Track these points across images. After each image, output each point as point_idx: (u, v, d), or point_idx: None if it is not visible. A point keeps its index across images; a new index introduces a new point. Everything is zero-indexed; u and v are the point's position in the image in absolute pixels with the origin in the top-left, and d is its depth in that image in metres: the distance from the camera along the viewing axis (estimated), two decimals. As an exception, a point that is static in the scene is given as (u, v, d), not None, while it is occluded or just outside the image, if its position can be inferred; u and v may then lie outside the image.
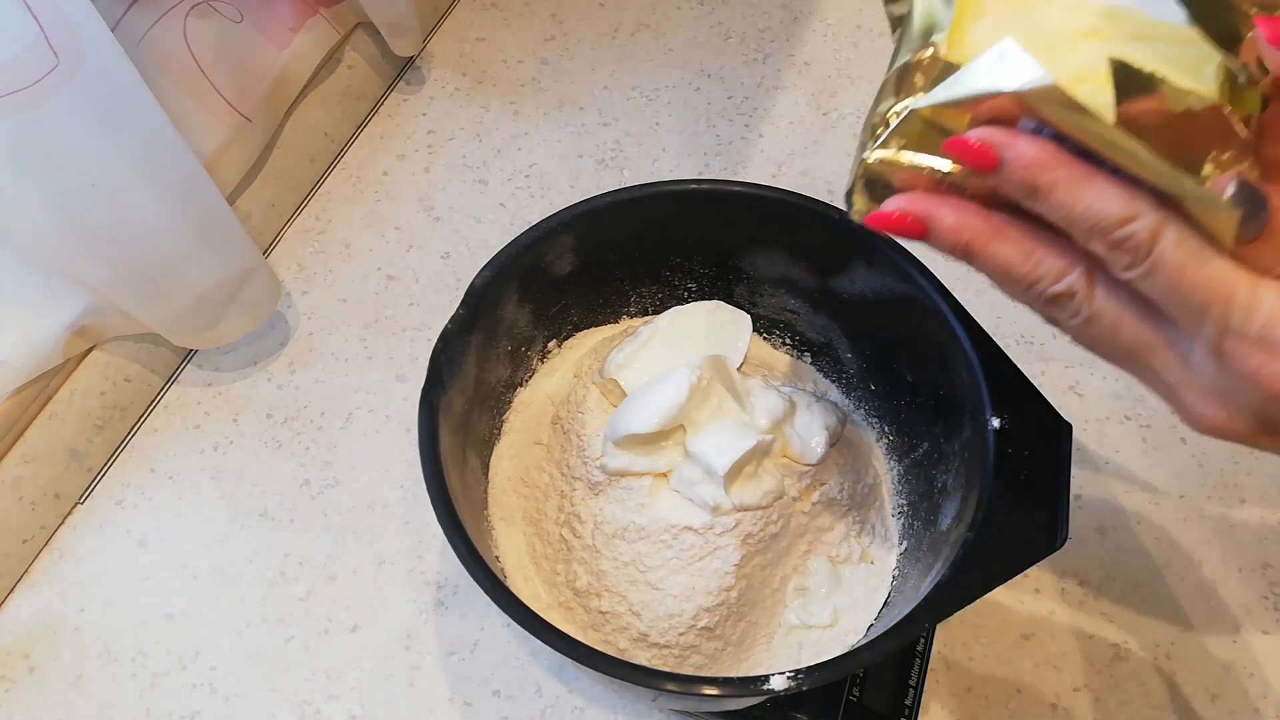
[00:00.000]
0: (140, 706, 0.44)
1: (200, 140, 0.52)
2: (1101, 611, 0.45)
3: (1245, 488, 0.49)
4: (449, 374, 0.38)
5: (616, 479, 0.41)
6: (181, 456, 0.51)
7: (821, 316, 0.47)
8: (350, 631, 0.46)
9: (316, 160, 0.62)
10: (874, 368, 0.46)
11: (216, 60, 0.52)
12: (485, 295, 0.41)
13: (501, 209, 0.61)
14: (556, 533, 0.42)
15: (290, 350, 0.55)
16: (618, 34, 0.69)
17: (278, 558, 0.48)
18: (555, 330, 0.47)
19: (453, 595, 0.47)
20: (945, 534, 0.38)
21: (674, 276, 0.48)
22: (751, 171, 0.62)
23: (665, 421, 0.39)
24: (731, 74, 0.67)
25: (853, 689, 0.41)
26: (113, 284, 0.45)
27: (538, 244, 0.42)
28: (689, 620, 0.39)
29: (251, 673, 0.45)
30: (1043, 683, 0.44)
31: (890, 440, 0.46)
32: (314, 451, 0.51)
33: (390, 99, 0.66)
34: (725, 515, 0.39)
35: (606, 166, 0.62)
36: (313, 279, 0.58)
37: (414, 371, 0.54)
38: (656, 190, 0.43)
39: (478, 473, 0.43)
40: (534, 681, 0.44)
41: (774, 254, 0.45)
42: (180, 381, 0.54)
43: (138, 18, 0.49)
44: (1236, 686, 0.44)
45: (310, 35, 0.59)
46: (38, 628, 0.46)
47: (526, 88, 0.66)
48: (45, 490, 0.48)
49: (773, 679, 0.32)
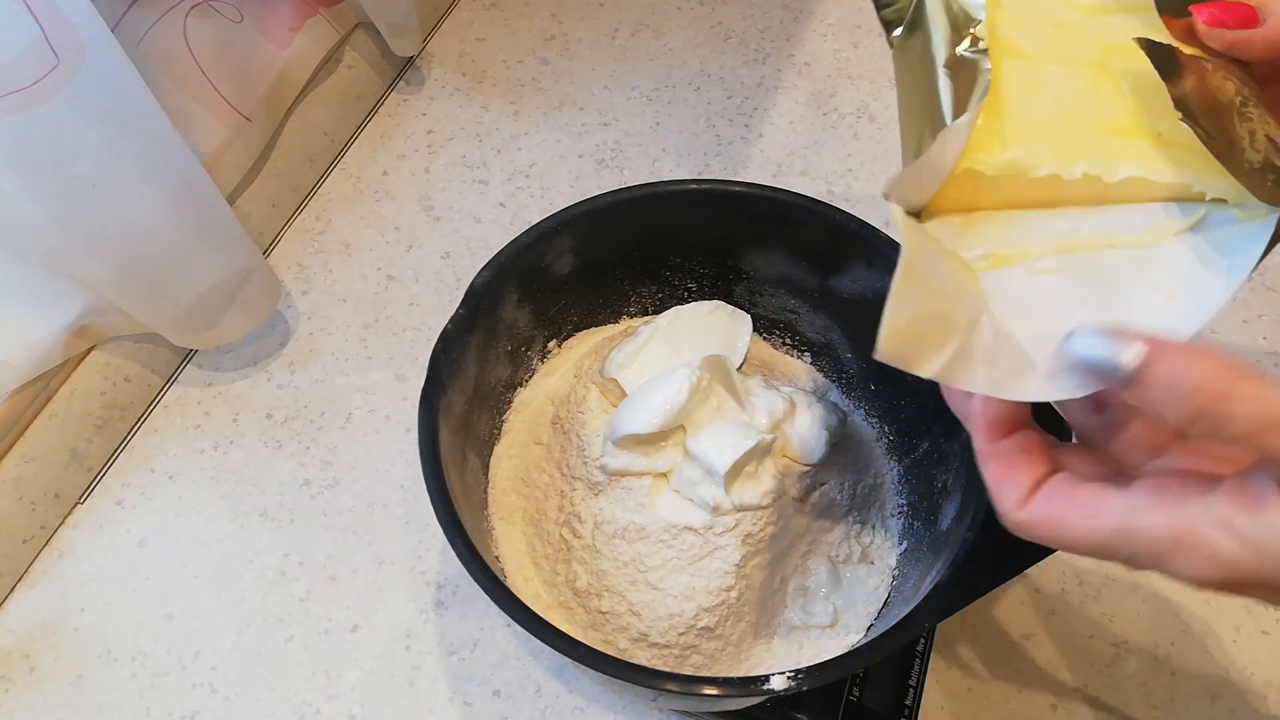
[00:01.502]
0: (140, 706, 0.44)
1: (200, 140, 0.52)
2: (1101, 611, 0.45)
3: (1245, 488, 0.49)
4: (449, 374, 0.38)
5: (616, 479, 0.41)
6: (181, 456, 0.51)
7: (821, 316, 0.47)
8: (350, 631, 0.46)
9: (316, 160, 0.62)
10: (874, 368, 0.46)
11: (216, 60, 0.52)
12: (485, 295, 0.41)
13: (501, 209, 0.61)
14: (556, 533, 0.42)
15: (290, 350, 0.55)
16: (618, 34, 0.69)
17: (278, 558, 0.48)
18: (555, 330, 0.47)
19: (453, 595, 0.47)
20: (945, 534, 0.38)
21: (674, 276, 0.48)
22: (751, 171, 0.62)
23: (665, 422, 0.39)
24: (731, 74, 0.67)
25: (853, 689, 0.41)
26: (113, 284, 0.45)
27: (538, 244, 0.42)
28: (689, 620, 0.39)
29: (251, 673, 0.45)
30: (1043, 683, 0.44)
31: (890, 440, 0.46)
32: (314, 451, 0.51)
33: (390, 99, 0.66)
34: (725, 515, 0.39)
35: (606, 166, 0.62)
36: (313, 279, 0.58)
37: (414, 371, 0.54)
38: (656, 190, 0.43)
39: (478, 473, 0.43)
40: (534, 681, 0.44)
41: (774, 254, 0.45)
42: (180, 381, 0.54)
43: (138, 18, 0.49)
44: (1236, 686, 0.44)
45: (310, 35, 0.59)
46: (38, 628, 0.46)
47: (526, 88, 0.66)
48: (45, 490, 0.48)
49: (773, 679, 0.32)
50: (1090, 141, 0.29)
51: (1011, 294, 0.29)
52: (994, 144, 0.29)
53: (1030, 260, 0.30)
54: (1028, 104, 0.29)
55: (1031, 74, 0.30)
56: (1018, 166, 0.29)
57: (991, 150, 0.29)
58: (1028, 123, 0.29)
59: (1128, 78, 0.29)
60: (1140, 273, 0.29)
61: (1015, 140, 0.29)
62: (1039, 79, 0.30)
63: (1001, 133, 0.29)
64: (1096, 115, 0.29)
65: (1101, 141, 0.29)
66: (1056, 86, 0.30)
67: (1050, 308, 0.28)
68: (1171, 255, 0.29)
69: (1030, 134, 0.29)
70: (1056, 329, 0.26)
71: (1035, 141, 0.29)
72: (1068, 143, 0.29)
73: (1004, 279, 0.29)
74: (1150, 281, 0.28)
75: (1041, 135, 0.29)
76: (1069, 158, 0.29)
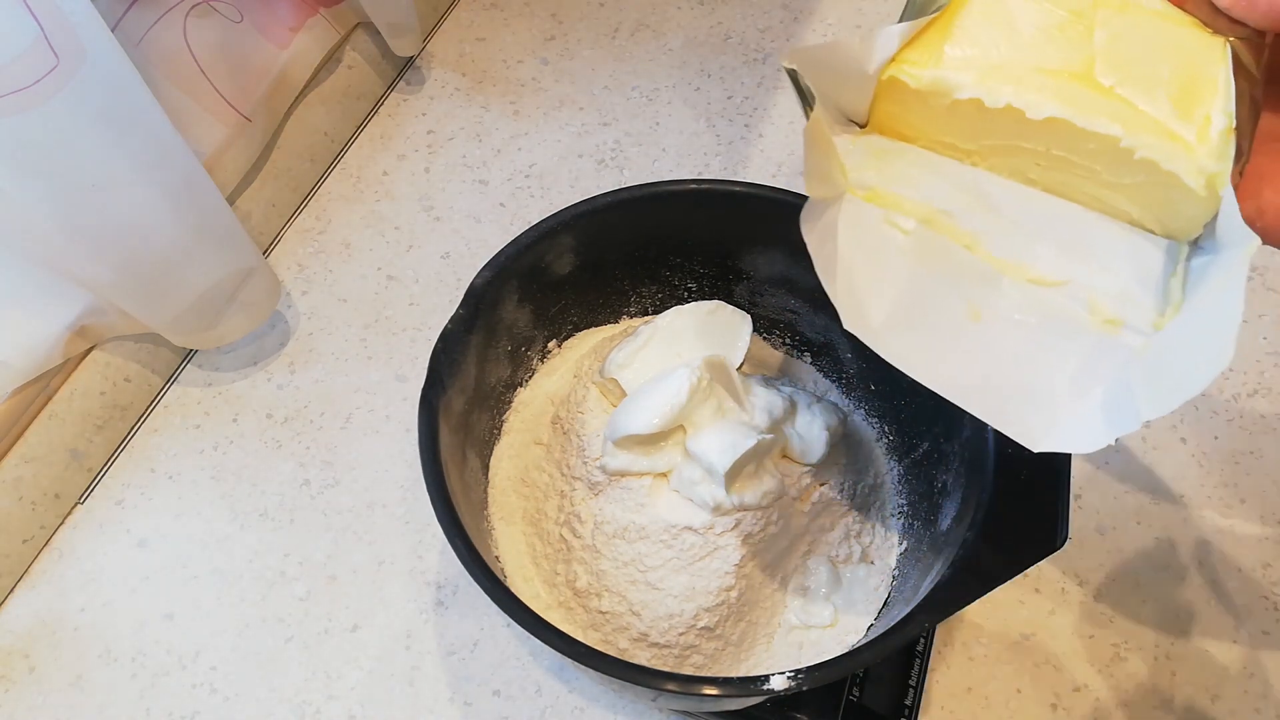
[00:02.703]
0: (140, 706, 0.44)
1: (200, 140, 0.52)
2: (1101, 611, 0.45)
3: (1245, 488, 0.49)
4: (449, 374, 0.38)
5: (616, 479, 0.41)
6: (181, 456, 0.51)
7: (821, 316, 0.47)
8: (350, 631, 0.46)
9: (316, 160, 0.62)
10: (874, 368, 0.46)
11: (216, 60, 0.52)
12: (485, 295, 0.40)
13: (501, 209, 0.61)
14: (556, 533, 0.42)
15: (290, 350, 0.55)
16: (618, 34, 0.69)
17: (278, 557, 0.48)
18: (555, 330, 0.47)
19: (453, 595, 0.47)
20: (945, 534, 0.38)
21: (674, 276, 0.48)
22: (751, 171, 0.62)
23: (665, 422, 0.39)
24: (731, 74, 0.67)
25: (853, 689, 0.41)
26: (113, 284, 0.45)
27: (538, 244, 0.42)
28: (689, 620, 0.39)
29: (251, 673, 0.45)
30: (1043, 683, 0.44)
31: (890, 440, 0.46)
32: (314, 451, 0.51)
33: (390, 99, 0.66)
34: (725, 515, 0.39)
35: (606, 166, 0.62)
36: (313, 279, 0.58)
37: (414, 371, 0.54)
38: (656, 190, 0.43)
39: (478, 473, 0.43)
40: (534, 681, 0.44)
41: (774, 254, 0.45)
42: (180, 381, 0.54)
43: (138, 18, 0.49)
44: (1236, 686, 0.44)
45: (310, 35, 0.59)
46: (38, 628, 0.46)
47: (526, 88, 0.66)
48: (45, 490, 0.48)
49: (773, 679, 0.32)
50: (1028, 77, 0.28)
51: (860, 220, 0.29)
52: (927, 59, 0.28)
53: (894, 212, 0.30)
54: (981, 30, 0.28)
55: (999, 4, 0.29)
56: (943, 85, 0.28)
57: (923, 65, 0.28)
58: (971, 46, 0.28)
59: (1107, 26, 0.28)
60: (972, 287, 0.29)
61: (951, 61, 0.28)
62: (1004, 9, 0.29)
63: (939, 50, 0.28)
64: (1049, 54, 0.28)
65: (1039, 78, 0.28)
66: (1019, 19, 0.28)
67: (876, 256, 0.29)
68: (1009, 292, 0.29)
69: (969, 58, 0.28)
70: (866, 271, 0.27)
71: (970, 66, 0.28)
72: (1002, 72, 0.28)
73: (862, 213, 0.30)
74: (973, 300, 0.28)
75: (980, 62, 0.28)
76: (997, 85, 0.28)
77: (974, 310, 0.29)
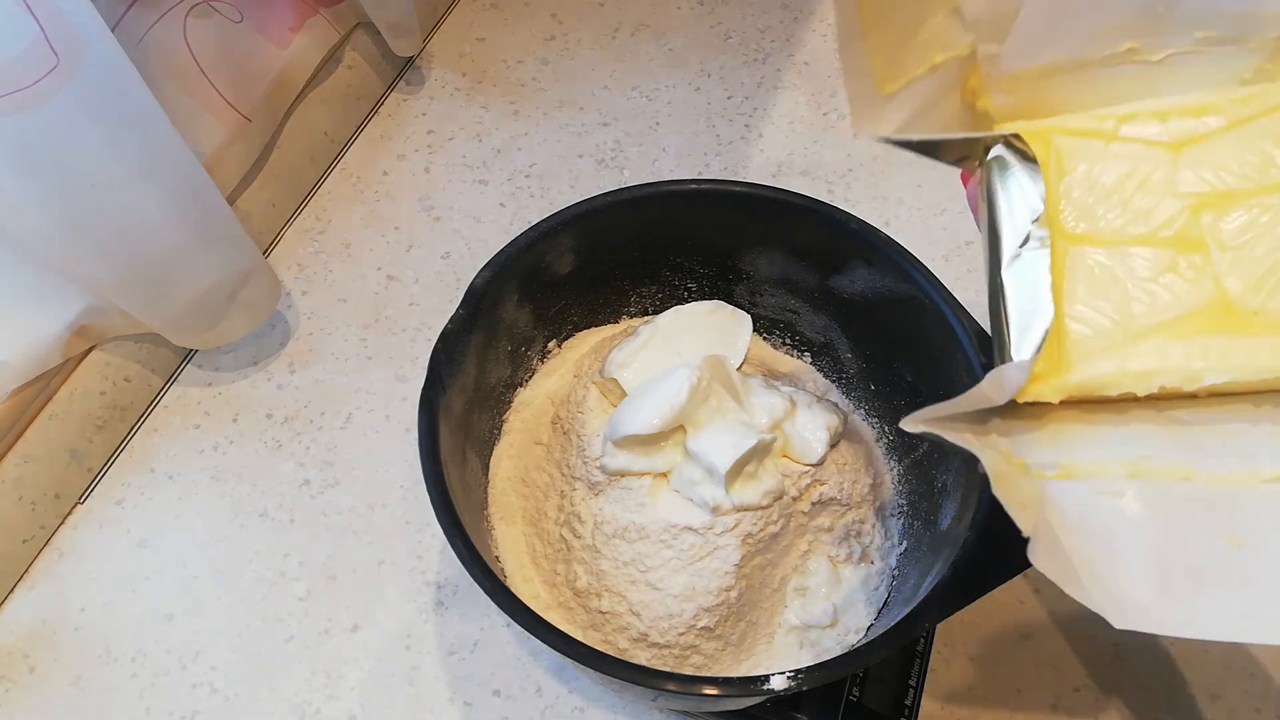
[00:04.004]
0: (140, 706, 0.44)
1: (200, 140, 0.52)
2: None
3: (1245, 488, 0.49)
4: (449, 374, 0.38)
5: (616, 479, 0.41)
6: (181, 456, 0.51)
7: (821, 316, 0.47)
8: (350, 631, 0.46)
9: (316, 160, 0.62)
10: (874, 368, 0.46)
11: (216, 60, 0.52)
12: (485, 295, 0.40)
13: (501, 209, 0.61)
14: (556, 533, 0.42)
15: (290, 350, 0.55)
16: (618, 34, 0.69)
17: (278, 558, 0.48)
18: (555, 330, 0.47)
19: (453, 595, 0.47)
20: (945, 534, 0.38)
21: (674, 276, 0.48)
22: (751, 171, 0.62)
23: (665, 422, 0.39)
24: (731, 74, 0.67)
25: (853, 689, 0.41)
26: (113, 284, 0.45)
27: (538, 244, 0.42)
28: (689, 620, 0.39)
29: (251, 673, 0.45)
30: (1043, 683, 0.44)
31: (890, 440, 0.46)
32: (314, 451, 0.51)
33: (390, 99, 0.66)
34: (725, 515, 0.39)
35: (606, 166, 0.62)
36: (313, 279, 0.58)
37: (414, 371, 0.54)
38: (656, 190, 0.43)
39: (478, 473, 0.43)
40: (534, 681, 0.44)
41: (774, 254, 0.45)
42: (180, 381, 0.54)
43: (138, 18, 0.49)
44: (1236, 686, 0.44)
45: (310, 35, 0.59)
46: (38, 628, 0.46)
47: (526, 88, 0.66)
48: (45, 490, 0.48)
49: (773, 679, 0.32)
50: (1163, 346, 0.25)
51: (1070, 509, 0.26)
52: (1054, 368, 0.26)
53: (1100, 479, 0.26)
54: (1088, 305, 0.26)
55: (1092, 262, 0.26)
56: (1085, 390, 0.26)
57: (1052, 377, 0.26)
58: (1090, 332, 0.26)
59: (1215, 236, 0.25)
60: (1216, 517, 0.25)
61: (1078, 359, 0.26)
62: (1102, 267, 0.26)
63: (1062, 352, 0.26)
64: (1171, 306, 0.25)
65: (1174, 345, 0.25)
66: (1122, 275, 0.26)
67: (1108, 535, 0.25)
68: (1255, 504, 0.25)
69: (1094, 348, 0.26)
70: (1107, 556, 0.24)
71: (1100, 357, 0.26)
72: (1136, 353, 0.25)
73: (1067, 491, 0.26)
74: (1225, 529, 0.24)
75: (1107, 347, 0.26)
76: (1140, 374, 0.25)
77: (1234, 540, 0.25)
